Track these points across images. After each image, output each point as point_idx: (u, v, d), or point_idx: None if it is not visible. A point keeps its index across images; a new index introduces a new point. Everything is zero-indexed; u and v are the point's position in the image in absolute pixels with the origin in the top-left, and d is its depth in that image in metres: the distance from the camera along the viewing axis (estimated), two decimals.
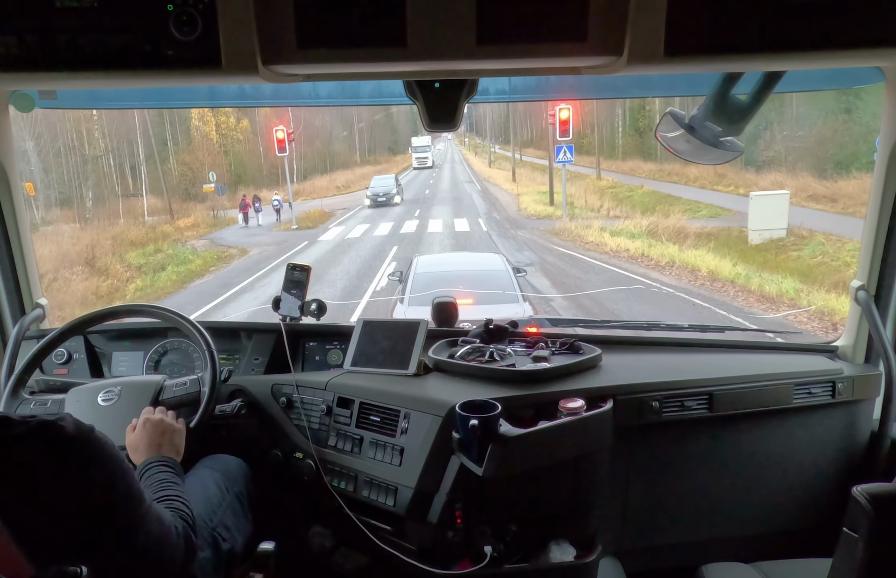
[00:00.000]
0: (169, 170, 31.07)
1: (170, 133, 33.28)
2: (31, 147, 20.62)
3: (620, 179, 26.18)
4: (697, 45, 1.01)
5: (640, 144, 29.54)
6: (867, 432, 1.89)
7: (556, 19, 0.99)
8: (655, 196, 21.69)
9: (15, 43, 0.98)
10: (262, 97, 2.12)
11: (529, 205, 22.61)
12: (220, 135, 34.72)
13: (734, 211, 16.85)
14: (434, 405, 1.62)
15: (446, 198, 27.57)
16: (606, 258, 13.63)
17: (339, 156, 46.05)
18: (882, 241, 1.72)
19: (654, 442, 1.80)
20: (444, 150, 61.34)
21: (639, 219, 17.04)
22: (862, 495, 0.94)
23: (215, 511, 1.50)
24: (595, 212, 19.87)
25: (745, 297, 10.30)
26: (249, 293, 12.05)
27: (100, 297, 14.05)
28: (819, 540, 1.57)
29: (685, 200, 19.97)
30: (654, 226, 15.68)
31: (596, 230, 16.03)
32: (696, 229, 15.14)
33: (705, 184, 21.99)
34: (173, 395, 1.66)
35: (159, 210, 26.94)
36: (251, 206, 23.87)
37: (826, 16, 0.98)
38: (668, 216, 16.83)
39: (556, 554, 1.64)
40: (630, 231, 15.82)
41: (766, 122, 20.15)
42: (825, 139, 18.74)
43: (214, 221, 25.43)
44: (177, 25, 0.98)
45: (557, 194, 21.73)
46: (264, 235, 20.80)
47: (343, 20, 0.99)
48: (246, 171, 35.30)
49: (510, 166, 36.03)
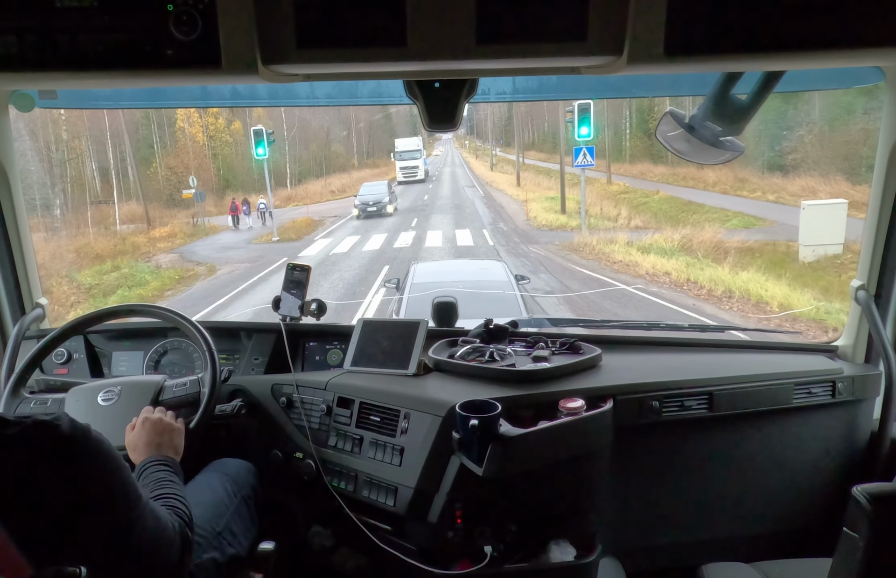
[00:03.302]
0: (153, 174, 29.56)
1: (157, 135, 32.08)
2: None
3: (632, 184, 24.46)
4: (697, 45, 1.00)
5: (648, 147, 28.03)
6: (867, 432, 1.89)
7: (556, 19, 0.99)
8: (675, 203, 20.02)
9: (15, 43, 0.98)
10: (260, 97, 2.12)
11: (539, 214, 20.32)
12: (208, 137, 33.11)
13: (769, 220, 15.30)
14: (434, 405, 1.62)
15: (446, 205, 25.23)
16: (643, 284, 11.10)
17: (336, 159, 43.80)
18: (882, 241, 1.72)
19: (654, 442, 1.80)
20: (443, 155, 58.87)
21: (669, 232, 14.78)
22: (862, 495, 0.95)
23: (222, 515, 1.50)
24: (612, 222, 17.83)
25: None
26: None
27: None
28: (819, 540, 1.57)
29: (709, 208, 18.12)
30: (688, 240, 13.73)
31: (622, 245, 13.95)
32: (737, 244, 13.14)
33: (726, 189, 20.26)
34: (173, 395, 1.66)
35: (139, 217, 24.71)
36: (241, 209, 23.31)
37: (826, 15, 0.98)
38: (702, 227, 14.79)
39: (556, 554, 1.64)
40: (661, 246, 13.74)
41: (790, 123, 18.85)
42: (854, 140, 16.46)
43: (193, 231, 23.12)
44: (177, 25, 0.98)
45: (569, 200, 20.22)
46: (241, 249, 18.66)
47: (343, 20, 0.99)
48: (235, 176, 33.33)
49: (513, 169, 34.64)
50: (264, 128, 18.29)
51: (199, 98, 2.21)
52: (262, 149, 18.19)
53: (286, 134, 36.82)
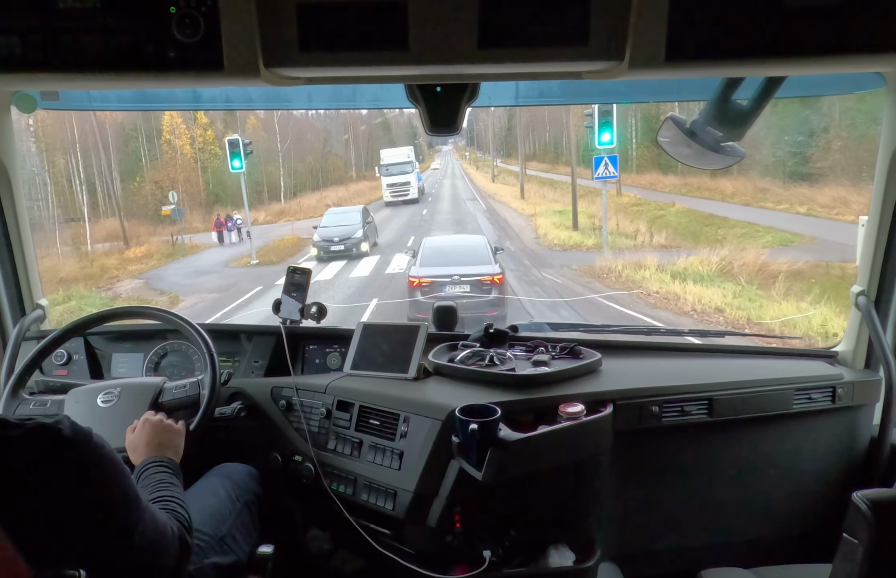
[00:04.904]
0: (137, 188, 27.64)
1: (145, 148, 30.33)
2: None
3: (642, 195, 22.44)
4: (698, 50, 1.01)
5: (656, 156, 25.98)
6: (867, 437, 1.89)
7: (557, 24, 1.00)
8: (694, 216, 17.98)
9: (18, 43, 0.98)
10: (261, 99, 2.11)
11: (550, 231, 17.98)
12: (197, 149, 31.00)
13: (806, 236, 13.60)
14: (434, 409, 1.62)
15: (447, 221, 22.68)
16: (692, 322, 9.28)
17: (334, 172, 41.24)
18: (882, 247, 1.72)
19: (653, 447, 1.80)
20: (442, 168, 54.79)
21: (705, 253, 12.54)
22: (862, 500, 0.94)
23: (225, 520, 1.50)
24: (632, 240, 15.61)
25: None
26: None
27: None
28: (819, 546, 1.57)
29: (734, 222, 15.96)
30: (728, 264, 11.61)
31: (654, 271, 11.61)
32: (785, 267, 10.96)
33: (748, 201, 18.34)
34: (173, 397, 1.66)
35: (119, 235, 22.23)
36: (225, 226, 22.01)
37: (827, 21, 0.98)
38: (742, 247, 12.74)
39: (555, 559, 1.64)
40: (697, 270, 11.53)
41: (812, 129, 17.41)
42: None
43: (172, 251, 20.79)
44: (179, 27, 0.98)
45: (580, 214, 18.31)
46: (214, 274, 16.11)
47: (345, 23, 1.00)
48: (225, 190, 30.46)
49: (515, 181, 32.67)
50: (241, 139, 15.70)
51: (192, 100, 2.19)
52: (237, 161, 15.70)
53: (280, 145, 35.99)
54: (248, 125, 33.59)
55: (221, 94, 2.01)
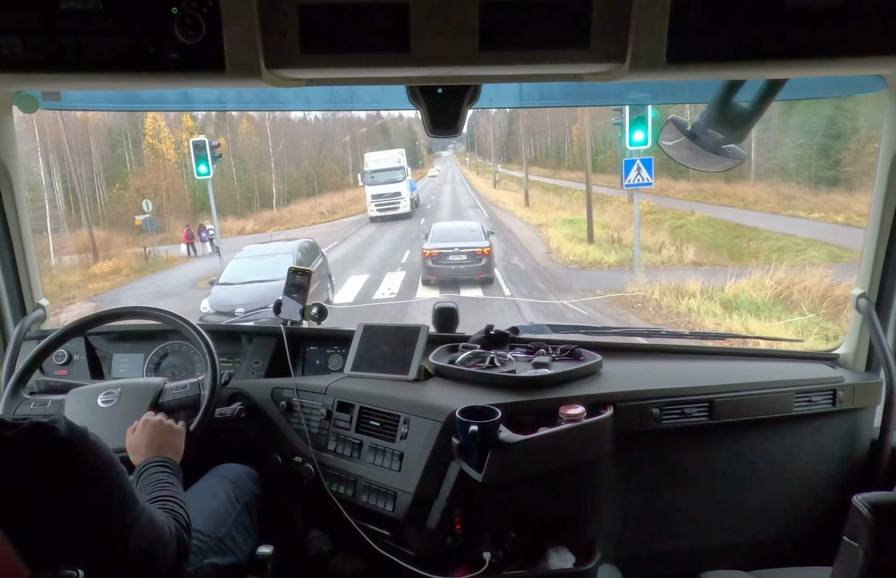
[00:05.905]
0: (117, 195, 26.28)
1: (132, 152, 29.27)
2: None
3: (656, 202, 20.25)
4: (699, 53, 1.01)
5: (664, 161, 23.73)
6: (868, 440, 1.88)
7: (558, 26, 1.00)
8: (718, 225, 16.22)
9: (19, 43, 0.98)
10: (256, 101, 2.10)
11: (563, 244, 15.82)
12: (181, 154, 28.54)
13: (856, 250, 10.49)
14: (434, 410, 1.61)
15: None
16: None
17: (330, 177, 39.54)
18: (883, 249, 1.73)
19: (654, 450, 1.80)
20: (442, 173, 52.77)
21: (757, 275, 10.32)
22: (862, 504, 0.94)
23: (224, 521, 1.50)
24: (656, 254, 13.84)
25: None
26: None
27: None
28: (819, 549, 1.57)
29: (766, 233, 14.22)
30: (786, 288, 9.59)
31: (700, 300, 9.65)
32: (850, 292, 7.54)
33: (774, 209, 16.44)
34: (173, 398, 1.66)
35: (89, 248, 20.27)
36: (198, 237, 20.31)
37: (828, 24, 0.98)
38: (801, 268, 10.42)
39: (556, 561, 1.63)
40: (750, 297, 9.61)
41: (839, 131, 16.06)
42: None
43: (144, 265, 19.01)
44: (181, 28, 0.98)
45: (595, 225, 16.67)
46: (179, 296, 14.20)
47: (347, 25, 1.00)
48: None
49: (517, 186, 31.35)
50: (207, 140, 13.44)
51: (185, 101, 2.16)
52: (203, 166, 13.40)
53: (272, 150, 35.29)
54: (241, 129, 33.01)
55: (215, 95, 1.99)
